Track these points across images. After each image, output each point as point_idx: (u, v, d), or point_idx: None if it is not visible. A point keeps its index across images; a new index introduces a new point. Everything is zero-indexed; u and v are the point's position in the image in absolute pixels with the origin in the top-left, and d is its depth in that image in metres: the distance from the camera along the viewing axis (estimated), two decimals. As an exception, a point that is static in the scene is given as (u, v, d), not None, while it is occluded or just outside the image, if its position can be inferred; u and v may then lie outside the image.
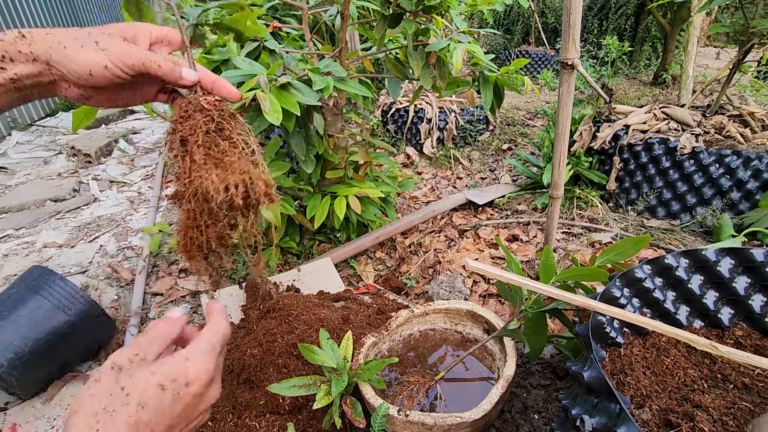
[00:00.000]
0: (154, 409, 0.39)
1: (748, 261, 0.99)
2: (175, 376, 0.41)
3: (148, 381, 0.40)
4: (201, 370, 0.43)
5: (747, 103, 2.52)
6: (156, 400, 0.39)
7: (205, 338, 0.46)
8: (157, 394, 0.40)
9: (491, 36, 6.01)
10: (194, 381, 0.42)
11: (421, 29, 1.60)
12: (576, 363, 0.88)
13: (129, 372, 0.40)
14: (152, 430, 0.39)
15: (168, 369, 0.41)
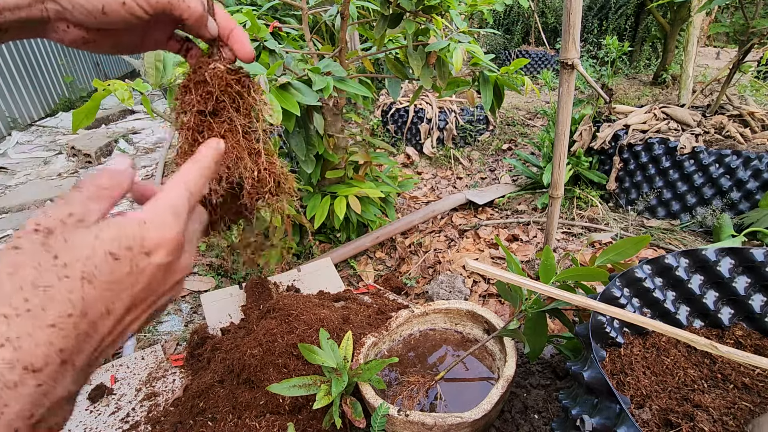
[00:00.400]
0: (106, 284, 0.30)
1: (748, 261, 0.99)
2: (129, 243, 0.31)
3: (94, 248, 0.30)
4: (164, 235, 0.33)
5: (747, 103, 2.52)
6: (107, 273, 0.30)
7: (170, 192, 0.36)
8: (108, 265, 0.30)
9: (491, 36, 6.02)
10: (156, 249, 0.33)
11: (421, 29, 1.60)
12: (576, 363, 0.88)
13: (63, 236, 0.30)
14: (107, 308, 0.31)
15: (118, 233, 0.31)
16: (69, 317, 0.29)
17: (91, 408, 1.33)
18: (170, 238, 0.34)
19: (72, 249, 0.30)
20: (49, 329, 0.28)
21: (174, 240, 0.34)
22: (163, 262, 0.34)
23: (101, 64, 6.54)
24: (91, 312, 0.30)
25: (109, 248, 0.31)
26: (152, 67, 1.28)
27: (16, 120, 4.50)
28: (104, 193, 0.34)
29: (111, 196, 0.35)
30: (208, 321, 1.61)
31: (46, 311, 0.28)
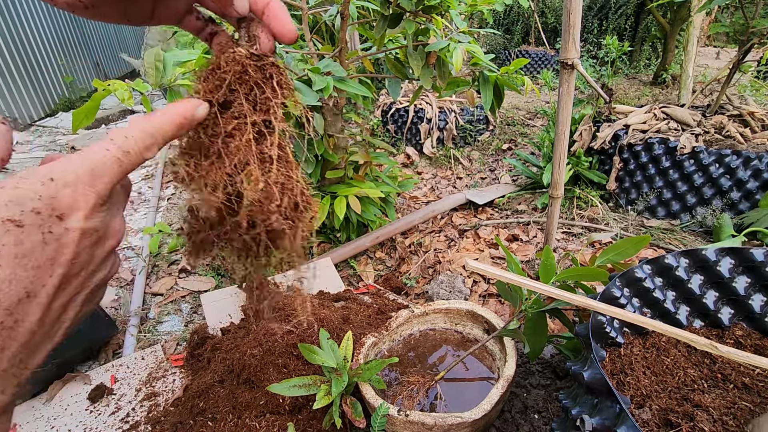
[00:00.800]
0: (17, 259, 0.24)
1: (748, 261, 0.99)
2: (33, 205, 0.25)
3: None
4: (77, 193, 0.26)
5: (747, 102, 2.52)
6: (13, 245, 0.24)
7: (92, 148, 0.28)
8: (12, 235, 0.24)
9: (491, 36, 6.02)
10: (71, 210, 0.26)
11: (421, 29, 1.60)
12: (576, 363, 0.88)
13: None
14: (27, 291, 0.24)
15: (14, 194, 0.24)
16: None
17: (91, 408, 1.33)
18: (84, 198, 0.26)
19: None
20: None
21: (91, 202, 0.27)
22: (87, 227, 0.27)
23: (101, 64, 6.55)
24: (4, 297, 0.23)
25: (6, 214, 0.24)
26: (152, 67, 1.28)
27: (16, 120, 4.50)
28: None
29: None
30: (208, 321, 1.61)
31: None
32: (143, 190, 3.06)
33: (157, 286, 1.94)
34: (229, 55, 0.38)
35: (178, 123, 0.33)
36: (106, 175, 0.28)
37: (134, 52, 7.60)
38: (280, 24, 0.38)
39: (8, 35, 4.46)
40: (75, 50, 5.82)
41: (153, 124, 0.31)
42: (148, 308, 1.82)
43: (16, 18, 4.60)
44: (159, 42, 4.74)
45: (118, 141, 0.29)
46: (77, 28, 5.92)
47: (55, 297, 0.26)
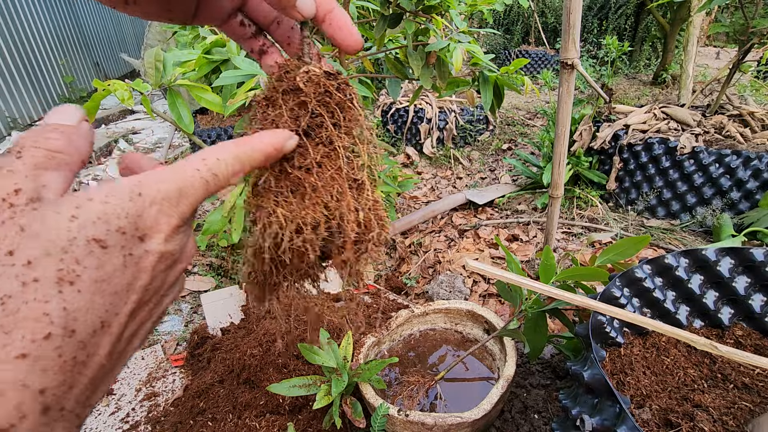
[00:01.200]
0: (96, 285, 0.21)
1: (748, 261, 0.99)
2: (120, 224, 0.23)
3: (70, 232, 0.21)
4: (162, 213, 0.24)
5: (747, 102, 2.52)
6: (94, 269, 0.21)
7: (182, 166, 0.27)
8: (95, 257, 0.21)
9: (491, 36, 6.02)
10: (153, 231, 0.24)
11: (421, 29, 1.60)
12: (576, 363, 0.88)
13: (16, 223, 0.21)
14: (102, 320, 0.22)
15: (104, 210, 0.22)
16: (47, 339, 0.20)
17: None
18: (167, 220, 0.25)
19: (35, 239, 0.20)
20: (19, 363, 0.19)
21: (173, 223, 0.25)
22: (165, 251, 0.25)
23: (101, 64, 6.55)
24: (80, 327, 0.21)
25: (93, 233, 0.21)
26: (152, 67, 1.28)
27: (15, 120, 4.50)
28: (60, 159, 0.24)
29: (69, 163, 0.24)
30: (208, 321, 1.61)
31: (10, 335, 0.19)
32: (143, 190, 3.06)
33: (157, 286, 1.94)
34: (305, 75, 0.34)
35: (268, 153, 0.31)
36: (192, 196, 0.26)
37: (134, 52, 7.60)
38: (347, 34, 0.34)
39: (8, 35, 4.46)
40: (75, 50, 5.82)
41: (244, 151, 0.29)
42: (148, 308, 1.82)
43: (16, 18, 4.60)
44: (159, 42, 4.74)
45: (209, 162, 0.27)
46: (77, 28, 5.92)
47: (126, 326, 0.24)
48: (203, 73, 1.47)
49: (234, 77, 1.36)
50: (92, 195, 0.23)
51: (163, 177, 0.25)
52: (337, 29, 0.34)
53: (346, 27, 0.34)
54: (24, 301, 0.19)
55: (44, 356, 0.19)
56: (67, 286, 0.20)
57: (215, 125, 3.19)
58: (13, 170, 0.22)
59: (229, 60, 1.55)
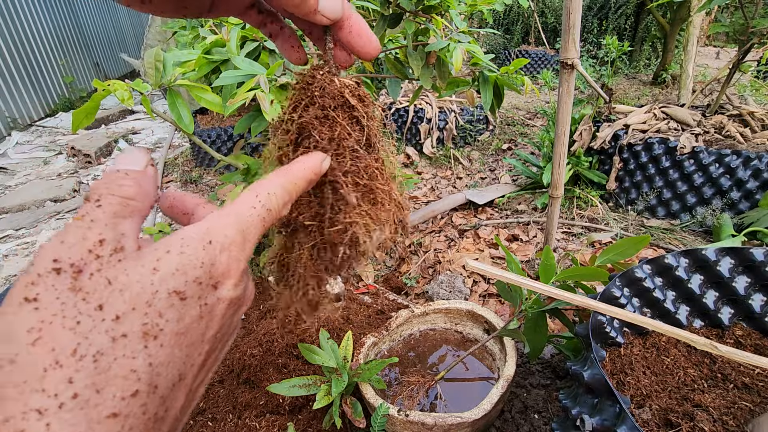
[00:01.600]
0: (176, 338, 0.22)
1: (748, 260, 0.99)
2: (197, 274, 0.23)
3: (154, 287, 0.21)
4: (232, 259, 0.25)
5: (747, 102, 2.52)
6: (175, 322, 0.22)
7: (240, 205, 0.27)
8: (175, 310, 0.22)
9: (491, 36, 6.02)
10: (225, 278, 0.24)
11: (420, 29, 1.60)
12: (576, 363, 0.88)
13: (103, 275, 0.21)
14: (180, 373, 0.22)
15: (182, 261, 0.23)
16: (134, 397, 0.19)
17: (91, 408, 1.33)
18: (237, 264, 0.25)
19: (122, 294, 0.21)
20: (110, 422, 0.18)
21: (241, 267, 0.25)
22: (234, 296, 0.25)
23: (101, 64, 6.55)
24: (162, 383, 0.21)
25: (173, 285, 0.22)
26: (152, 67, 1.28)
27: (15, 120, 4.50)
28: (133, 206, 0.24)
29: (140, 209, 0.25)
30: (208, 321, 1.61)
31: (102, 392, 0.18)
32: (143, 190, 3.06)
33: (157, 286, 1.94)
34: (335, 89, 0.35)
35: (310, 179, 0.32)
36: (254, 236, 0.27)
37: (134, 52, 7.60)
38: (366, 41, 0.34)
39: (8, 35, 4.46)
40: (75, 50, 5.82)
41: (290, 180, 0.30)
42: (148, 308, 1.82)
43: (16, 18, 4.60)
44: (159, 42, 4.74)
45: (262, 198, 0.28)
46: (77, 28, 5.92)
47: (197, 377, 0.24)
48: (203, 73, 1.48)
49: (234, 77, 1.36)
50: (169, 246, 0.23)
51: (227, 222, 0.26)
52: (356, 36, 0.34)
53: (365, 34, 0.34)
54: (114, 357, 0.19)
55: (132, 414, 0.19)
56: (151, 340, 0.21)
57: (215, 125, 3.19)
58: (94, 220, 0.22)
59: (229, 60, 1.55)
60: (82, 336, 0.19)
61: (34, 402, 0.17)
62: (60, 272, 0.20)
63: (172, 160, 3.47)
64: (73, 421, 0.18)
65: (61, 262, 0.20)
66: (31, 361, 0.18)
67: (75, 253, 0.21)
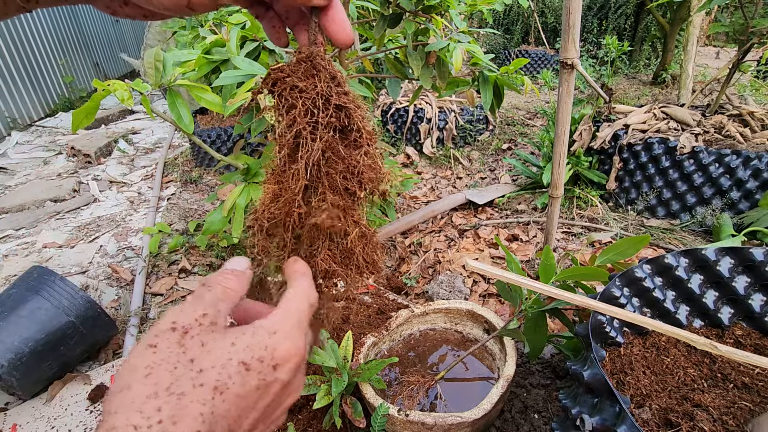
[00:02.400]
0: (236, 398, 0.28)
1: (748, 260, 0.99)
2: (261, 354, 0.29)
3: (229, 355, 0.28)
4: (292, 347, 0.31)
5: (747, 102, 2.52)
6: (238, 385, 0.28)
7: (295, 305, 0.34)
8: (240, 376, 0.28)
9: (491, 36, 6.01)
10: (284, 362, 0.30)
11: (420, 29, 1.60)
12: (576, 362, 0.88)
13: (200, 339, 0.29)
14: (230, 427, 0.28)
15: (252, 341, 0.30)
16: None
17: (92, 408, 1.33)
18: (297, 351, 0.31)
19: (208, 354, 0.28)
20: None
21: (300, 354, 0.32)
22: (287, 379, 0.31)
23: (101, 64, 6.54)
24: (217, 429, 0.26)
25: (242, 357, 0.28)
26: (152, 67, 1.28)
27: (15, 120, 4.49)
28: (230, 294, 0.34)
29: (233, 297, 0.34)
30: (208, 321, 1.61)
31: (177, 425, 0.24)
32: (143, 191, 3.06)
33: (157, 286, 1.94)
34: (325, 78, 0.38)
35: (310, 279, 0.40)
36: (306, 326, 0.34)
37: (134, 52, 7.59)
38: (339, 28, 0.37)
39: (8, 35, 4.45)
40: (75, 50, 5.82)
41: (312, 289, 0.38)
42: (148, 308, 1.82)
43: (16, 18, 4.60)
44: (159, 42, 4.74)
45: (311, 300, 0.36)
46: (77, 28, 5.92)
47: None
48: (203, 73, 1.47)
49: (234, 77, 1.36)
50: (246, 330, 0.31)
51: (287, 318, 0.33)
52: (331, 21, 0.36)
53: (340, 21, 0.36)
54: (191, 399, 0.26)
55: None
56: (218, 394, 0.27)
57: (215, 125, 3.19)
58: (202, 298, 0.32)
59: (228, 60, 1.55)
60: (175, 378, 0.26)
61: (134, 419, 0.24)
62: (174, 330, 0.29)
63: (172, 160, 3.47)
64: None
65: (176, 324, 0.29)
66: (141, 390, 0.25)
67: (185, 319, 0.29)
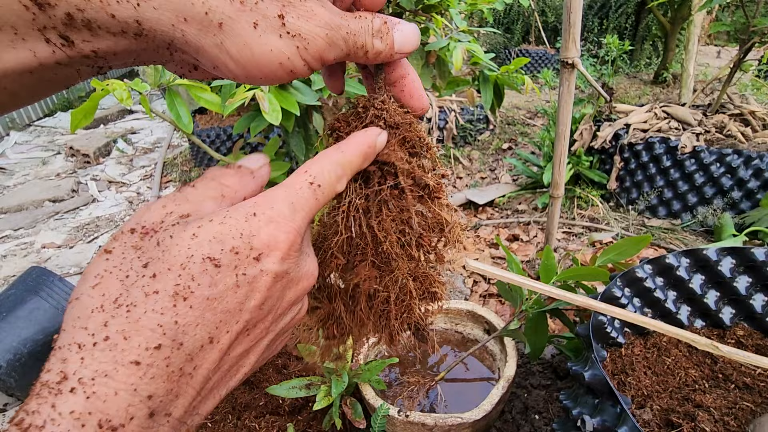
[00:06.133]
0: (207, 302, 0.23)
1: (749, 260, 0.98)
2: (234, 244, 0.24)
3: (189, 250, 0.23)
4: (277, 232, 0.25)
5: (748, 101, 2.51)
6: (206, 287, 0.23)
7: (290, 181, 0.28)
8: (208, 276, 0.23)
9: (491, 35, 6.01)
10: (268, 251, 0.25)
11: (420, 28, 1.59)
12: (577, 363, 0.87)
13: (158, 237, 0.23)
14: (210, 336, 0.23)
15: (220, 230, 0.24)
16: (157, 350, 0.21)
17: (91, 409, 1.32)
18: (285, 236, 0.25)
19: (164, 254, 0.23)
20: (133, 368, 0.20)
21: (290, 239, 0.25)
22: (280, 270, 0.25)
23: (101, 63, 6.54)
24: (187, 341, 0.22)
25: (207, 252, 0.23)
26: (151, 66, 1.28)
27: (14, 120, 4.49)
28: (226, 191, 0.28)
29: (231, 197, 0.28)
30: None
31: (128, 340, 0.21)
32: (142, 191, 3.06)
33: (157, 286, 1.94)
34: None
35: (364, 153, 0.32)
36: (305, 209, 0.27)
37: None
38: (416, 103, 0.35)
39: (7, 35, 4.45)
40: (74, 50, 5.81)
41: (344, 156, 0.30)
42: (148, 308, 1.82)
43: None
44: (158, 41, 4.74)
45: (313, 173, 0.29)
46: (76, 28, 5.91)
47: (236, 343, 0.25)
48: (202, 72, 1.47)
49: (233, 77, 1.35)
50: (215, 216, 0.25)
51: (275, 195, 0.27)
52: (408, 97, 0.35)
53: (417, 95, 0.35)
54: (144, 311, 0.21)
55: (154, 365, 0.21)
56: (180, 300, 0.22)
57: (214, 125, 3.19)
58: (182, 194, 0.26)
59: (228, 59, 1.54)
60: (125, 288, 0.22)
61: (78, 337, 0.21)
62: (133, 232, 0.24)
63: (171, 160, 3.47)
64: (102, 359, 0.20)
65: (137, 224, 0.24)
66: (87, 302, 0.22)
67: (150, 219, 0.24)
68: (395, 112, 0.35)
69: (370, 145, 0.32)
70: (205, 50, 0.25)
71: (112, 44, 0.23)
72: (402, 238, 0.35)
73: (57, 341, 0.21)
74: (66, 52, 0.22)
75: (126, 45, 0.24)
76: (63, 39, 0.22)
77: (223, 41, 0.25)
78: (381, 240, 0.34)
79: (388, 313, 0.37)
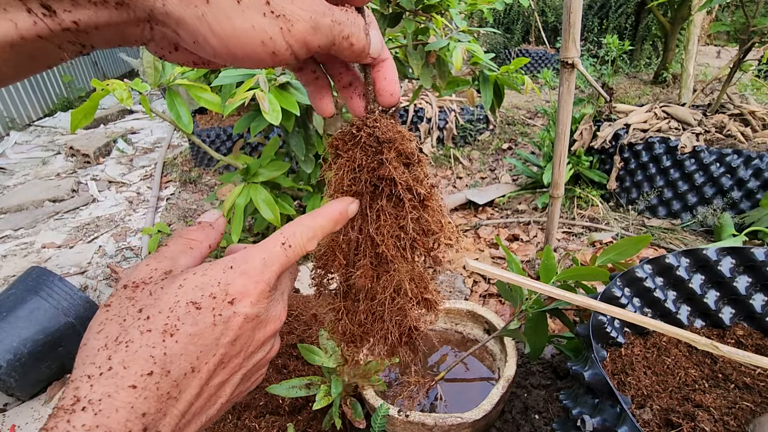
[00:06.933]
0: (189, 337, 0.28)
1: (749, 260, 0.98)
2: (212, 291, 0.29)
3: (176, 297, 0.28)
4: (249, 281, 0.30)
5: (748, 101, 2.51)
6: (189, 325, 0.28)
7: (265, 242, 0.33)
8: (191, 316, 0.28)
9: (491, 35, 6.01)
10: (240, 296, 0.30)
11: (420, 28, 1.59)
12: (577, 363, 0.88)
13: (149, 289, 0.29)
14: (192, 366, 0.28)
15: (201, 280, 0.29)
16: (150, 376, 0.26)
17: (91, 409, 1.32)
18: (255, 286, 0.30)
19: (156, 302, 0.28)
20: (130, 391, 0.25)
21: (259, 288, 0.30)
22: (251, 313, 0.30)
23: (99, 63, 6.54)
24: (174, 369, 0.27)
25: (191, 297, 0.28)
26: (151, 66, 1.28)
27: (14, 120, 4.49)
28: (194, 245, 0.34)
29: (199, 249, 0.34)
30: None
31: (127, 369, 0.26)
32: (142, 191, 3.06)
33: (157, 286, 1.94)
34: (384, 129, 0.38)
35: (335, 219, 0.37)
36: (275, 265, 0.32)
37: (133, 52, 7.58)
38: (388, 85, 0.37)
39: (7, 35, 4.44)
40: (74, 50, 5.80)
41: (315, 221, 0.35)
42: (148, 308, 1.82)
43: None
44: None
45: (286, 234, 0.34)
46: (76, 28, 5.90)
47: (214, 374, 0.30)
48: (202, 72, 1.47)
49: (233, 77, 1.35)
50: (198, 270, 0.30)
51: (251, 252, 0.32)
52: (382, 78, 0.37)
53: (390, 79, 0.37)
54: (140, 345, 0.27)
55: (147, 388, 0.26)
56: (168, 336, 0.27)
57: (214, 125, 3.19)
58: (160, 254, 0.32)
59: (228, 59, 1.54)
60: (124, 329, 0.27)
61: (88, 370, 0.26)
62: (126, 287, 0.30)
63: (171, 160, 3.46)
64: (107, 384, 0.25)
65: (129, 281, 0.30)
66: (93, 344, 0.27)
67: (138, 276, 0.31)
68: (386, 128, 0.37)
69: (341, 212, 0.37)
70: (185, 22, 0.25)
71: (93, 15, 0.24)
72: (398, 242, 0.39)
73: (70, 378, 0.27)
74: (47, 23, 0.23)
75: (107, 17, 0.25)
76: (44, 8, 0.23)
77: (204, 13, 0.25)
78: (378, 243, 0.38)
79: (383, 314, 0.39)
